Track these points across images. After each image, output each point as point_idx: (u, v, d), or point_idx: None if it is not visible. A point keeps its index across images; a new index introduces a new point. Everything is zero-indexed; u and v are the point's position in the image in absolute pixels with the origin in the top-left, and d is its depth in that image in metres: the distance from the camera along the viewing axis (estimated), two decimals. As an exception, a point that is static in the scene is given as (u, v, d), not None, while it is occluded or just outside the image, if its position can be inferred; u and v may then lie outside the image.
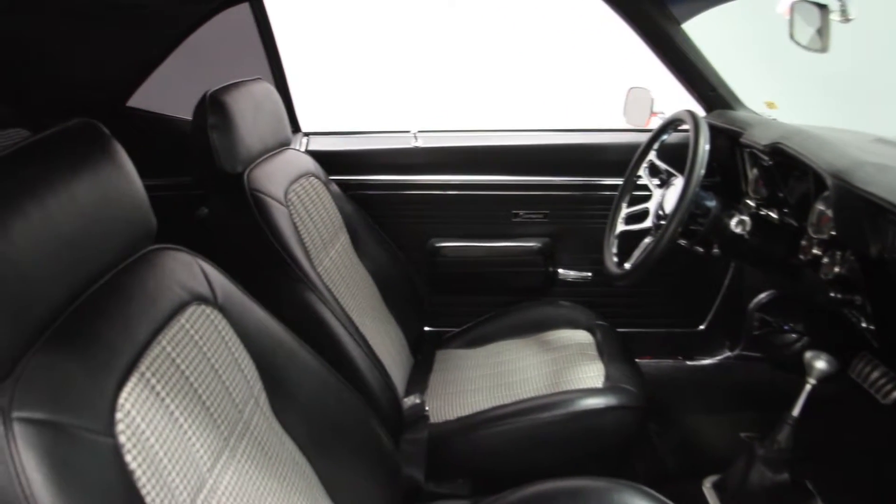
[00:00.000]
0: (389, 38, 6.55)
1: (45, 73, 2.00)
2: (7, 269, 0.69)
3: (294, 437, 1.09)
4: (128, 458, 0.74)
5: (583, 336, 1.88)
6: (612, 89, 2.54)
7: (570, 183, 2.14)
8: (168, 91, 2.21)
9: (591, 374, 1.69)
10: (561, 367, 1.75)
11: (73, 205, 0.80)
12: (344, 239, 1.81)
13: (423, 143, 2.15)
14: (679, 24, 1.89)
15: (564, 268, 2.24)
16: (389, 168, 2.15)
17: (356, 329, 1.52)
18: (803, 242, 1.51)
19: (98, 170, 0.86)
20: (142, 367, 0.82)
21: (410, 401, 1.69)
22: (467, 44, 6.51)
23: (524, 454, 1.59)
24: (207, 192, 1.62)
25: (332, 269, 1.66)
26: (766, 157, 1.62)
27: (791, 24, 1.58)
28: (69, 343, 0.76)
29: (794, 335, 1.81)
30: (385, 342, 1.76)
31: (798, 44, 1.57)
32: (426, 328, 2.14)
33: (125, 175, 0.90)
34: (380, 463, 1.22)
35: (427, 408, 1.67)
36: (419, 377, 1.85)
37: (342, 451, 1.16)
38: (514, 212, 2.17)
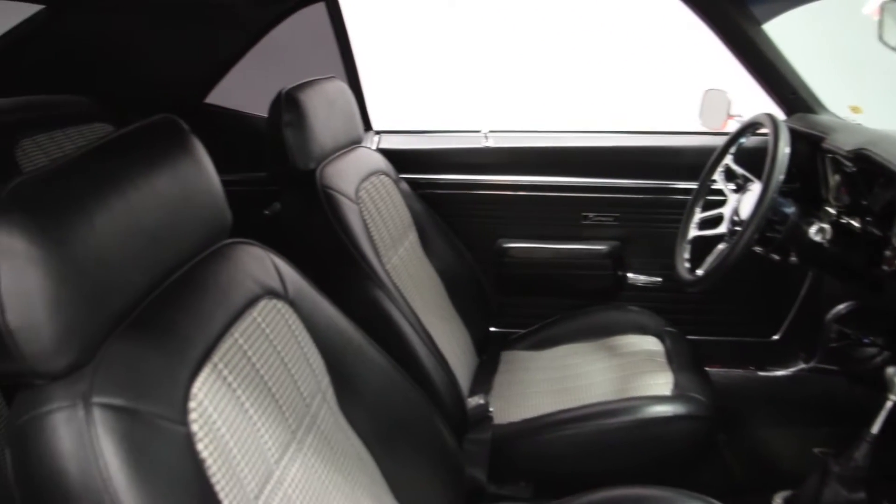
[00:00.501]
0: (463, 36, 6.55)
1: (129, 70, 2.07)
2: (90, 258, 0.72)
3: (359, 433, 1.10)
4: (199, 446, 0.76)
5: (651, 342, 1.85)
6: (686, 91, 2.49)
7: (642, 186, 2.11)
8: (244, 88, 2.26)
9: (660, 381, 1.66)
10: (628, 374, 1.72)
11: (154, 198, 0.82)
12: (412, 237, 1.82)
13: (493, 142, 2.15)
14: (760, 24, 1.83)
15: (634, 272, 2.20)
16: (459, 167, 2.16)
17: (422, 327, 1.52)
18: (887, 253, 1.45)
19: (178, 165, 0.88)
20: (214, 359, 0.84)
21: (475, 401, 1.69)
22: (543, 44, 6.47)
23: (588, 460, 1.57)
24: (280, 189, 1.65)
25: (400, 266, 1.67)
26: (849, 164, 1.56)
27: (880, 25, 1.52)
28: (147, 332, 0.78)
29: (874, 349, 1.74)
30: (450, 341, 1.76)
31: (887, 45, 1.51)
32: (492, 329, 2.13)
33: (203, 170, 0.93)
34: (443, 462, 1.22)
35: (491, 409, 1.67)
36: (484, 377, 1.84)
37: (406, 448, 1.16)
38: (584, 214, 2.14)
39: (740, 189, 1.69)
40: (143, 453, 0.69)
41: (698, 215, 1.80)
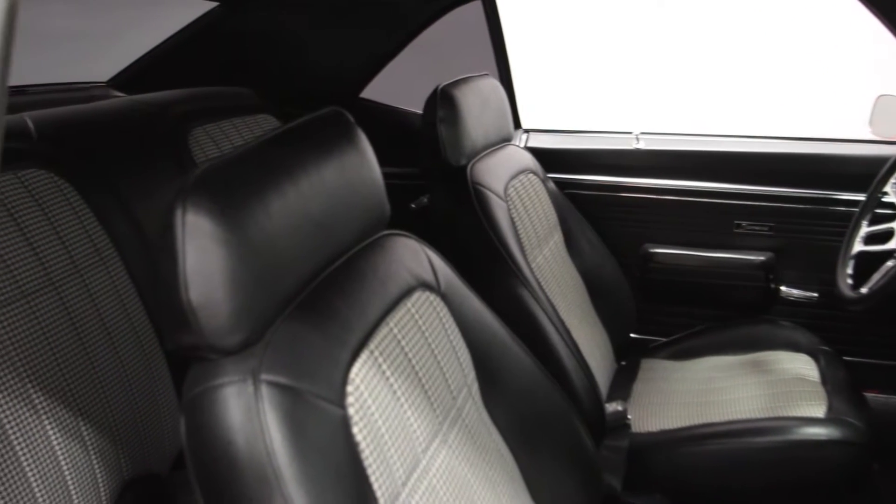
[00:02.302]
0: (619, 36, 6.43)
1: (290, 65, 2.17)
2: (265, 241, 0.76)
3: (501, 430, 1.10)
4: (354, 429, 0.79)
5: (804, 361, 1.76)
6: (851, 98, 2.34)
7: (802, 195, 2.00)
8: (396, 84, 2.32)
9: (812, 402, 1.57)
10: (778, 392, 1.64)
11: (322, 187, 0.86)
12: (557, 237, 1.81)
13: (644, 145, 2.10)
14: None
15: (788, 285, 2.10)
16: (607, 169, 2.12)
17: (565, 328, 1.51)
18: None
19: (344, 156, 0.92)
20: (371, 346, 0.87)
21: (612, 407, 1.66)
22: (701, 44, 6.24)
23: (730, 477, 1.51)
24: (429, 183, 1.69)
25: (544, 266, 1.66)
26: None
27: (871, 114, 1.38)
28: (311, 316, 0.82)
29: None
30: (590, 344, 1.74)
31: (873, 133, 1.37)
32: (632, 335, 2.09)
33: (367, 162, 0.96)
34: (581, 465, 1.21)
35: (629, 416, 1.64)
36: (622, 384, 1.81)
37: (545, 448, 1.16)
38: (737, 222, 2.06)
39: (915, 203, 1.57)
40: (303, 431, 0.72)
41: (865, 229, 1.69)
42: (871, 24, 1.74)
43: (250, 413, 0.71)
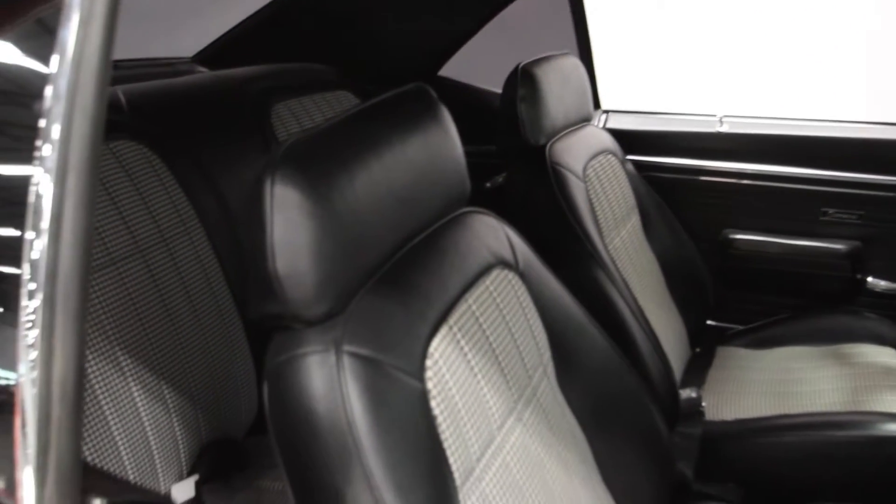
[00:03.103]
0: (700, 17, 6.24)
1: (371, 42, 2.18)
2: (350, 214, 0.77)
3: (574, 411, 1.10)
4: (432, 403, 0.79)
5: (890, 354, 1.69)
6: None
7: (894, 183, 1.92)
8: (475, 63, 2.30)
9: (898, 397, 1.51)
10: (861, 385, 1.58)
11: (406, 162, 0.86)
12: (635, 220, 1.78)
13: (727, 128, 2.04)
14: None
15: (875, 276, 2.01)
16: (688, 152, 2.07)
17: (641, 311, 1.49)
18: None
19: (428, 131, 0.92)
20: (450, 321, 0.87)
21: (686, 393, 1.64)
22: (790, 24, 6.00)
23: (808, 471, 1.47)
24: (506, 163, 1.68)
25: (621, 248, 1.64)
26: None
27: None
28: (393, 290, 0.82)
29: None
30: (665, 330, 1.71)
31: None
32: (709, 322, 2.04)
33: (450, 139, 0.96)
34: (654, 450, 1.20)
35: (704, 403, 1.61)
36: (697, 371, 1.78)
37: (619, 431, 1.15)
38: (824, 209, 1.98)
39: None
40: (383, 403, 0.73)
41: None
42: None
43: (332, 383, 0.72)
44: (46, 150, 0.56)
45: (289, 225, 0.73)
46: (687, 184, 2.07)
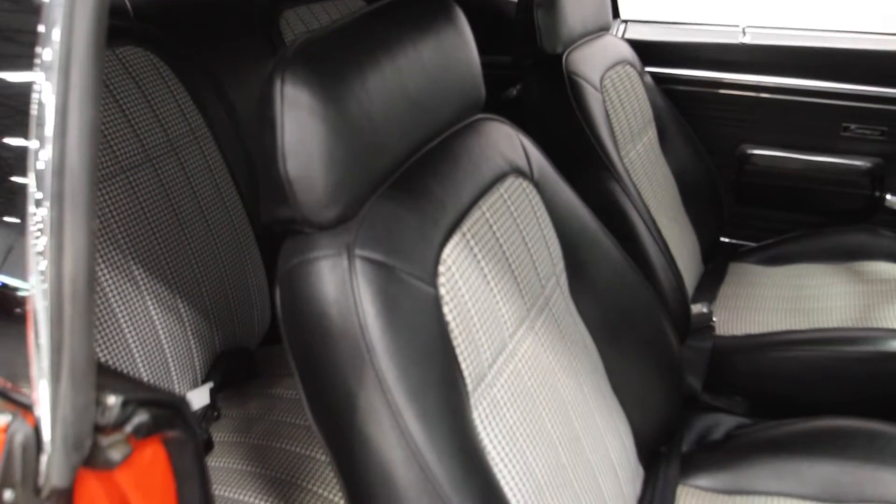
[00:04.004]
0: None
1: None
2: (362, 117, 0.75)
3: (586, 322, 1.10)
4: (445, 309, 0.79)
5: (904, 272, 1.68)
6: None
7: None
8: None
9: (911, 315, 1.51)
10: (874, 302, 1.58)
11: (419, 65, 0.84)
12: (651, 133, 1.75)
13: (750, 39, 1.97)
14: None
15: (894, 195, 1.98)
16: (708, 64, 2.01)
17: (655, 225, 1.48)
18: None
19: (442, 35, 0.89)
20: (463, 228, 0.86)
21: (697, 308, 1.64)
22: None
23: (815, 386, 1.48)
24: (522, 73, 1.64)
25: (636, 162, 1.61)
26: None
27: None
28: (405, 195, 0.81)
29: None
30: (679, 244, 1.70)
31: None
32: (722, 238, 2.03)
33: (465, 43, 0.93)
34: (664, 362, 1.20)
35: (714, 318, 1.61)
36: (709, 286, 1.77)
37: (630, 343, 1.15)
38: (845, 125, 1.93)
39: None
40: (396, 307, 0.73)
41: None
42: None
43: (344, 287, 0.72)
44: (48, 54, 0.54)
45: (299, 126, 0.71)
46: (705, 97, 2.02)
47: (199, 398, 1.36)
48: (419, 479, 0.70)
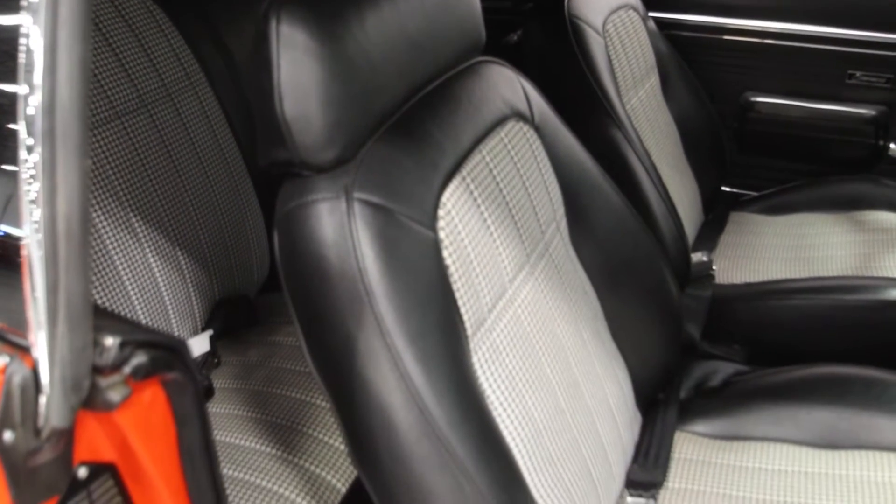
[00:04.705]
0: None
1: None
2: (360, 57, 0.73)
3: (586, 269, 1.09)
4: (444, 253, 0.78)
5: (906, 222, 1.67)
6: None
7: None
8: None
9: (911, 264, 1.51)
10: (874, 251, 1.57)
11: (419, 4, 0.82)
12: (654, 79, 1.72)
13: (756, -18, 1.93)
14: None
15: None
16: (712, 8, 1.97)
17: (656, 173, 1.47)
18: None
19: None
20: (463, 172, 0.85)
21: (697, 257, 1.64)
22: None
23: (813, 334, 1.49)
24: (524, 17, 1.61)
25: (638, 108, 1.59)
26: None
27: None
28: (404, 138, 0.80)
29: None
30: (680, 193, 1.69)
31: None
32: (723, 188, 2.02)
33: None
34: (663, 310, 1.20)
35: (714, 267, 1.61)
36: (709, 235, 1.77)
37: (630, 290, 1.15)
38: (850, 72, 1.90)
39: None
40: (395, 250, 0.72)
41: None
42: None
43: (343, 230, 0.71)
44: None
45: (296, 65, 0.69)
46: (709, 43, 1.99)
47: (199, 345, 1.37)
48: (418, 422, 0.71)
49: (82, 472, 0.60)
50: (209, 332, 1.39)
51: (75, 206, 0.53)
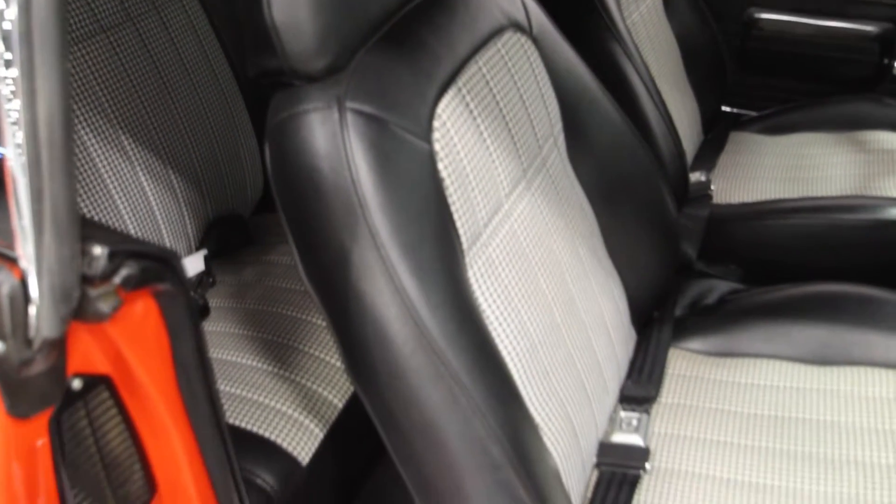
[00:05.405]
0: None
1: None
2: None
3: (583, 185, 1.08)
4: (440, 165, 0.77)
5: (908, 142, 1.65)
6: None
7: None
8: None
9: (911, 184, 1.49)
10: (874, 172, 1.56)
11: None
12: (656, -6, 1.68)
13: None
14: None
15: None
16: None
17: (656, 90, 1.44)
18: None
19: None
20: (459, 83, 0.83)
21: (696, 177, 1.62)
22: None
23: (810, 253, 1.49)
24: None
25: (639, 24, 1.55)
26: None
27: None
28: (398, 46, 0.77)
29: None
30: (679, 111, 1.66)
31: None
32: (724, 107, 1.99)
33: None
34: (661, 228, 1.19)
35: (713, 187, 1.60)
36: (708, 155, 1.75)
37: (627, 208, 1.14)
38: None
39: None
40: (389, 162, 0.71)
41: None
42: None
43: (336, 140, 0.69)
44: None
45: None
46: None
47: (193, 265, 1.36)
48: (413, 335, 0.70)
49: (76, 384, 0.60)
50: (203, 252, 1.38)
51: (57, 111, 0.51)
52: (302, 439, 1.06)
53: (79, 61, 1.20)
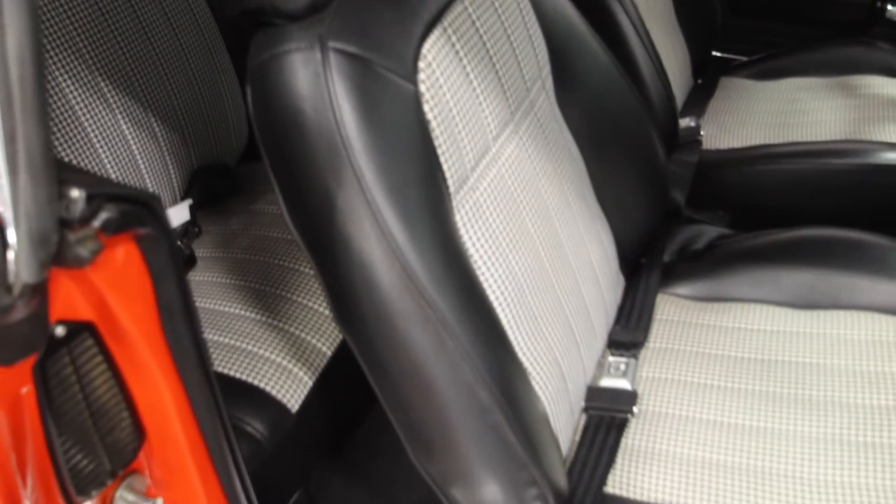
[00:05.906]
0: None
1: None
2: None
3: (572, 129, 1.07)
4: (425, 107, 0.75)
5: (897, 86, 1.64)
6: None
7: None
8: None
9: (901, 128, 1.49)
10: (864, 116, 1.55)
11: None
12: (646, -66, 1.64)
13: None
14: None
15: (894, 5, 1.90)
16: None
17: (647, 34, 1.41)
18: None
19: None
20: (444, 23, 0.81)
21: (685, 122, 1.61)
22: None
23: (800, 198, 1.48)
24: None
25: (629, -36, 1.52)
26: None
27: None
28: None
29: None
30: (669, 56, 1.64)
31: None
32: (714, 53, 1.96)
33: None
34: (650, 174, 1.18)
35: (702, 132, 1.58)
36: (698, 101, 1.74)
37: (616, 153, 1.13)
38: None
39: None
40: (373, 103, 0.69)
41: None
42: None
43: (318, 81, 0.68)
44: None
45: None
46: None
47: (178, 215, 1.34)
48: (401, 278, 0.70)
49: (60, 331, 0.59)
50: (188, 202, 1.36)
51: (27, 48, 0.50)
52: (291, 387, 1.06)
53: (53, 4, 1.17)
